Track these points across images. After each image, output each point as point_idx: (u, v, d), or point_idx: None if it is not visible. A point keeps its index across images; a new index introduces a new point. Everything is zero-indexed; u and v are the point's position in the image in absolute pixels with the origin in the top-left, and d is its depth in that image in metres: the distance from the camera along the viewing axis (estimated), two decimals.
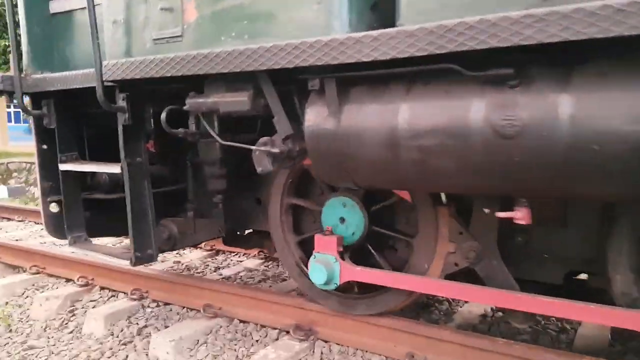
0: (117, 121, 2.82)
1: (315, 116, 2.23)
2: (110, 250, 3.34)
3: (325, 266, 2.77)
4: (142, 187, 2.92)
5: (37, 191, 11.49)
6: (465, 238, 2.59)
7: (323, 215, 2.94)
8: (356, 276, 2.76)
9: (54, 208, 3.52)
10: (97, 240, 3.70)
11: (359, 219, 2.82)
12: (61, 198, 3.39)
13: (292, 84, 2.39)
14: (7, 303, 4.03)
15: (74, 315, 3.69)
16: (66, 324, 3.58)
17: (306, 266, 2.99)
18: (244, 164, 3.09)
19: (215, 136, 2.65)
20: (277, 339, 3.03)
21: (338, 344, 2.91)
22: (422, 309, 3.54)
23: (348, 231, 2.86)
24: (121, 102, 2.76)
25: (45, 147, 3.48)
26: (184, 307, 3.58)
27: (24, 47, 3.38)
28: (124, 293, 3.85)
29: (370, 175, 2.21)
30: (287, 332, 3.02)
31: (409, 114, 1.97)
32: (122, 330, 3.33)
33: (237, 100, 2.40)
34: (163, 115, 2.66)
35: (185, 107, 2.63)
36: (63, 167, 3.32)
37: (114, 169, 2.94)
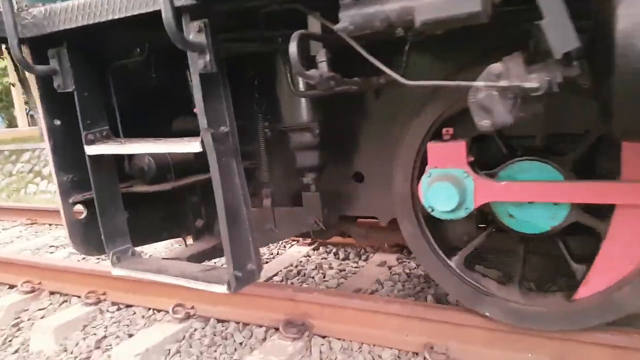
0: (192, 68, 1.75)
1: None
2: (182, 268, 2.16)
3: (453, 183, 1.89)
4: (231, 171, 1.87)
5: None
6: None
7: (497, 212, 2.07)
8: (501, 194, 1.92)
9: (80, 212, 2.37)
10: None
11: (554, 176, 1.92)
12: (91, 195, 2.26)
13: None
14: None
15: (19, 329, 2.96)
16: (10, 341, 2.84)
17: (463, 273, 2.16)
18: (336, 127, 2.35)
19: (395, 75, 1.56)
20: (264, 339, 2.46)
21: (339, 339, 2.37)
22: (426, 281, 3.14)
23: (547, 204, 1.95)
24: (196, 36, 1.68)
25: (58, 122, 2.26)
26: (149, 309, 2.91)
27: None
28: (78, 297, 3.14)
29: None
30: (276, 330, 2.45)
31: None
32: (77, 344, 2.65)
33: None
34: (293, 47, 1.55)
35: (338, 27, 1.53)
36: (92, 149, 2.14)
37: (190, 146, 1.85)
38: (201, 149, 1.82)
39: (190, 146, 1.86)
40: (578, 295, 1.95)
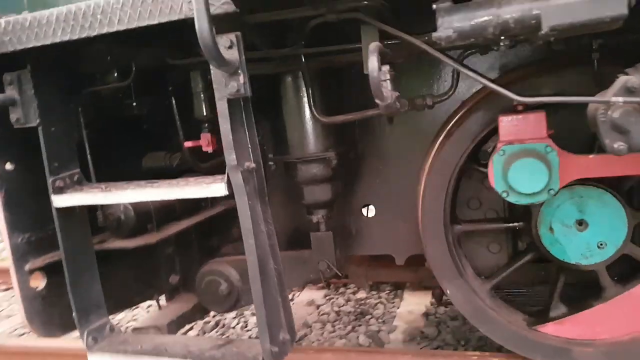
0: (217, 92, 1.46)
1: None
2: (187, 346, 1.73)
3: (537, 159, 1.61)
4: (257, 215, 1.55)
5: None
6: None
7: (542, 217, 1.89)
8: (592, 169, 1.69)
9: (39, 281, 1.90)
10: None
11: (618, 223, 1.81)
12: (54, 259, 1.84)
13: None
14: None
15: None
16: None
17: (454, 244, 2.02)
18: (347, 155, 2.12)
19: (508, 92, 1.43)
20: None
21: None
22: (356, 318, 3.04)
23: (591, 242, 1.85)
24: (226, 53, 1.39)
25: (11, 167, 1.82)
26: None
27: None
28: None
29: None
30: None
31: None
32: None
33: None
34: (374, 62, 1.35)
35: (437, 35, 1.33)
36: (62, 200, 1.71)
37: (213, 189, 1.54)
38: (227, 192, 1.53)
39: (212, 189, 1.54)
40: (545, 329, 1.94)
